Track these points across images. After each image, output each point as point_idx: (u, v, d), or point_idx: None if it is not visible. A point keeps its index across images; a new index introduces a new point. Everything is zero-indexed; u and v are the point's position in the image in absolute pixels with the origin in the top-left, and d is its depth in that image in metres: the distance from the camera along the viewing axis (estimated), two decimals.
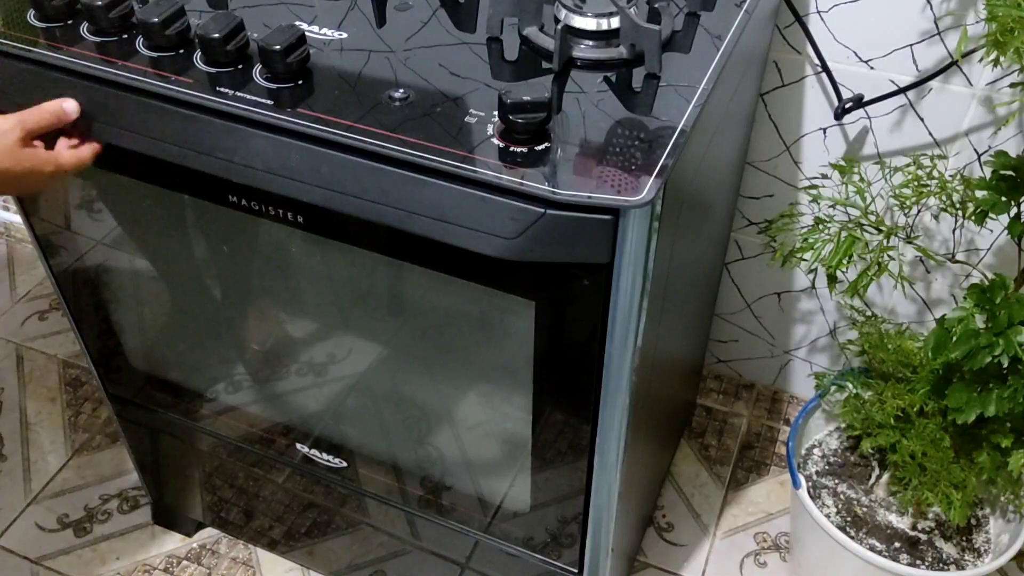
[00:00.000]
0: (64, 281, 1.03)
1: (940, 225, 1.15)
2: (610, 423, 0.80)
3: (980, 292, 0.88)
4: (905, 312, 1.27)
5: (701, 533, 1.33)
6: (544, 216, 0.64)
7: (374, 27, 0.79)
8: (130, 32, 0.77)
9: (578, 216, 0.64)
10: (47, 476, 1.40)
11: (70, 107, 0.75)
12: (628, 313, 0.71)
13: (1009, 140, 1.05)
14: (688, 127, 0.68)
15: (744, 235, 1.30)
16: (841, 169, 1.00)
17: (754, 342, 1.44)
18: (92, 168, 0.79)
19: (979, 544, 1.12)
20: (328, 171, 0.70)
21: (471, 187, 0.65)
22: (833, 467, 1.18)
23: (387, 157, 0.67)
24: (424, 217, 0.69)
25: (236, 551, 1.31)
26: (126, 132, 0.77)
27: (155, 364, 1.09)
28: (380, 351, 0.92)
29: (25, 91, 0.77)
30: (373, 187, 0.69)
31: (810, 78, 1.11)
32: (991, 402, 0.88)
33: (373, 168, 0.68)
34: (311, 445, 1.05)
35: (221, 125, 0.72)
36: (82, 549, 1.31)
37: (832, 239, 0.96)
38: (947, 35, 1.00)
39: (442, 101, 0.70)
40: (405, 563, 1.15)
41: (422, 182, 0.67)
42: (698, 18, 0.80)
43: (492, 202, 0.65)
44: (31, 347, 1.59)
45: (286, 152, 0.70)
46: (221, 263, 0.93)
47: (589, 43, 0.75)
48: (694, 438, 1.44)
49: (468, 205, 0.66)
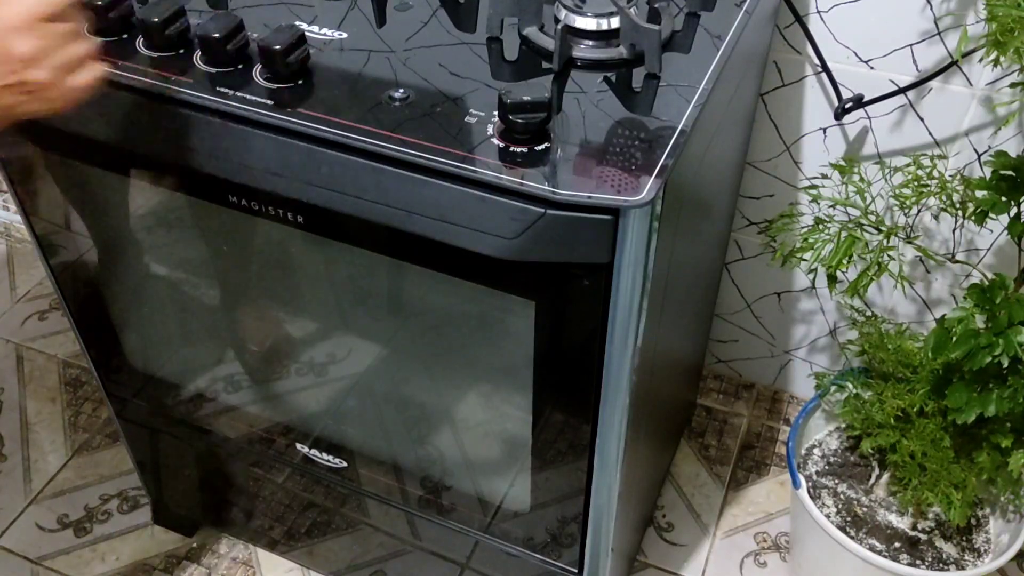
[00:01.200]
0: (64, 281, 1.03)
1: (940, 225, 1.15)
2: (610, 423, 0.80)
3: (980, 292, 0.88)
4: (905, 312, 1.27)
5: (701, 533, 1.33)
6: (544, 216, 0.64)
7: (374, 27, 0.79)
8: (130, 32, 0.76)
9: (578, 216, 0.64)
10: (47, 476, 1.40)
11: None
12: (628, 313, 0.71)
13: (1009, 140, 1.05)
14: (688, 127, 0.68)
15: (744, 235, 1.30)
16: (841, 169, 1.00)
17: (754, 342, 1.44)
18: (92, 168, 0.79)
19: (979, 544, 1.12)
20: (328, 171, 0.70)
21: (471, 187, 0.65)
22: (833, 467, 1.18)
23: (387, 157, 0.67)
24: (424, 217, 0.69)
25: (236, 551, 1.31)
26: (125, 132, 0.77)
27: (155, 364, 1.09)
28: (380, 351, 0.92)
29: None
30: (373, 187, 0.69)
31: (810, 78, 1.11)
32: (991, 402, 0.88)
33: (373, 168, 0.68)
34: (311, 445, 1.05)
35: (221, 125, 0.72)
36: (82, 549, 1.31)
37: (832, 239, 0.96)
38: (947, 35, 1.00)
39: (442, 101, 0.70)
40: (405, 563, 1.15)
41: (422, 182, 0.67)
42: (698, 18, 0.80)
43: (492, 202, 0.65)
44: (31, 347, 1.59)
45: (286, 152, 0.70)
46: (221, 263, 0.93)
47: (589, 43, 0.75)
48: (694, 438, 1.44)
49: (468, 205, 0.66)
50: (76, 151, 0.85)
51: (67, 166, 0.88)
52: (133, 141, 0.78)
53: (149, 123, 0.75)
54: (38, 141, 0.87)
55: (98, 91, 0.67)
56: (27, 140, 0.87)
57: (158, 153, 0.78)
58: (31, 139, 0.87)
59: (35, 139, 0.87)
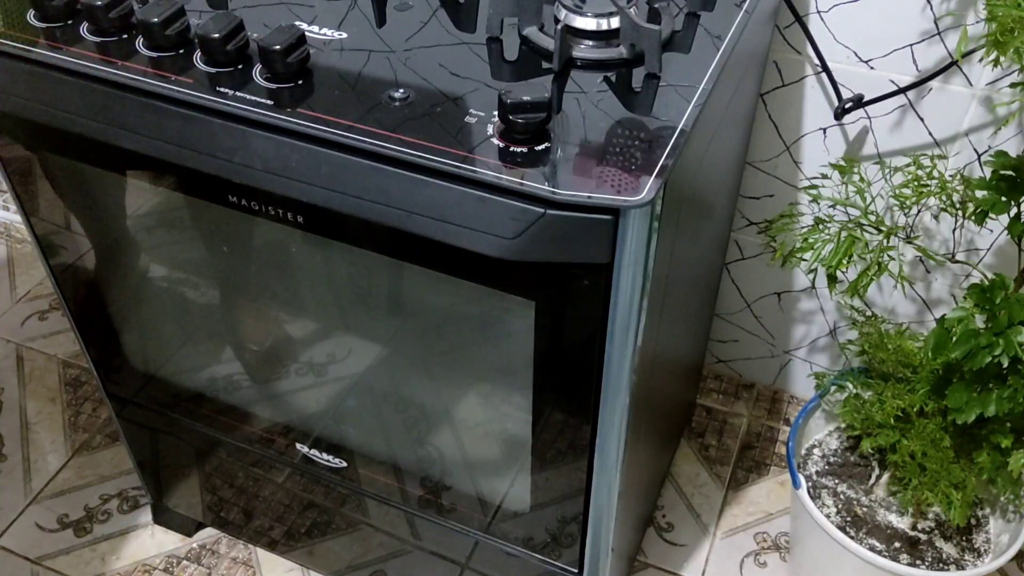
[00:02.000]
0: (64, 281, 1.03)
1: (940, 225, 1.15)
2: (610, 423, 0.80)
3: (980, 292, 0.88)
4: (905, 312, 1.27)
5: (701, 533, 1.33)
6: (544, 216, 0.64)
7: (374, 27, 0.79)
8: (130, 32, 0.76)
9: (578, 216, 0.64)
10: (47, 476, 1.40)
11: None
12: (628, 313, 0.71)
13: (1009, 140, 1.05)
14: (688, 127, 0.68)
15: (744, 235, 1.30)
16: (841, 169, 1.00)
17: (754, 342, 1.44)
18: (91, 168, 0.79)
19: (979, 544, 1.12)
20: (328, 171, 0.70)
21: (471, 187, 0.65)
22: (833, 467, 1.18)
23: (387, 157, 0.67)
24: (424, 217, 0.69)
25: (236, 551, 1.31)
26: (125, 132, 0.77)
27: (155, 364, 1.09)
28: (380, 351, 0.92)
29: (25, 91, 0.77)
30: (373, 187, 0.69)
31: (810, 78, 1.11)
32: (991, 402, 0.88)
33: (373, 168, 0.68)
34: (311, 445, 1.05)
35: (221, 125, 0.72)
36: (82, 549, 1.31)
37: (832, 239, 0.96)
38: (947, 35, 1.00)
39: (442, 101, 0.70)
40: (405, 563, 1.15)
41: (422, 182, 0.67)
42: (698, 18, 0.80)
43: (492, 202, 0.65)
44: (31, 347, 1.59)
45: (286, 152, 0.70)
46: (221, 263, 0.93)
47: (589, 43, 0.75)
48: (694, 438, 1.44)
49: (468, 205, 0.66)
50: (75, 151, 0.85)
51: (66, 166, 0.88)
52: (132, 141, 0.78)
53: (149, 123, 0.75)
54: (37, 141, 0.87)
55: None
56: (25, 140, 0.87)
57: (158, 153, 0.78)
58: (29, 139, 0.87)
59: (33, 140, 0.87)
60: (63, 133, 0.81)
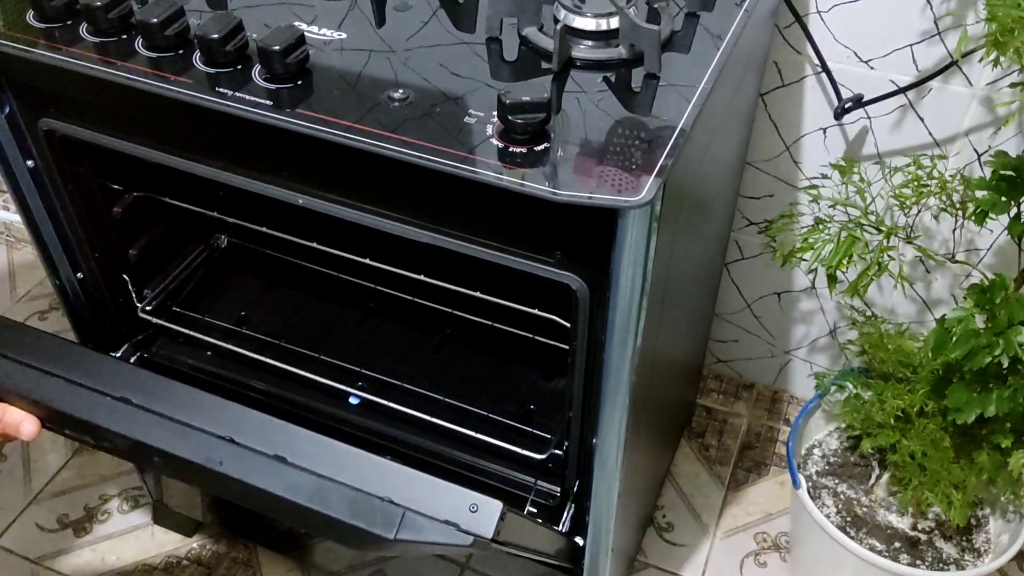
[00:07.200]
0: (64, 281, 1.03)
1: (940, 225, 1.15)
2: (610, 423, 0.80)
3: (980, 292, 0.88)
4: (905, 312, 1.27)
5: (701, 533, 1.33)
6: None
7: (374, 27, 0.79)
8: (129, 32, 0.76)
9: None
10: (47, 476, 1.39)
11: (27, 431, 0.73)
12: (628, 313, 0.71)
13: (1009, 140, 1.05)
14: (688, 127, 0.68)
15: (744, 235, 1.30)
16: (841, 169, 1.00)
17: (754, 342, 1.44)
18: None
19: (979, 544, 1.12)
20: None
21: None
22: (833, 467, 1.18)
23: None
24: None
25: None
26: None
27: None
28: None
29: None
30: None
31: (810, 78, 1.11)
32: (991, 402, 0.88)
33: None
34: None
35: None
36: (82, 549, 1.31)
37: (832, 239, 0.96)
38: (947, 35, 1.00)
39: (442, 101, 0.70)
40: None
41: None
42: (698, 18, 0.80)
43: None
44: None
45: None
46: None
47: (588, 43, 0.75)
48: (694, 438, 1.44)
49: None
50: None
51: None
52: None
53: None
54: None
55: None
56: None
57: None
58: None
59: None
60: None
